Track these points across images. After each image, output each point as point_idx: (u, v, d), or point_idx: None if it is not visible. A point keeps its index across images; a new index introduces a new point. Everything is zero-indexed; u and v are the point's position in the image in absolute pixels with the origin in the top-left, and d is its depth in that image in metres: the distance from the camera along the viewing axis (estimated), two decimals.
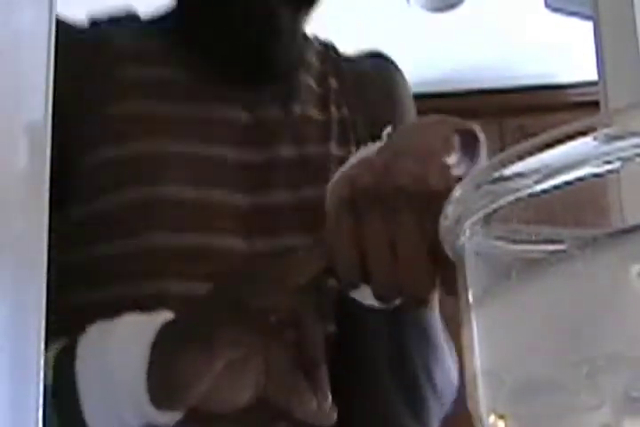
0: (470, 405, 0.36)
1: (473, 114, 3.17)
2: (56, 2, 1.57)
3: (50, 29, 1.55)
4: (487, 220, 0.36)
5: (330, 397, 0.76)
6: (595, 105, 1.42)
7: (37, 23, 1.53)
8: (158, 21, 1.03)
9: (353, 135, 1.02)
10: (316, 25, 1.12)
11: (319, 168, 0.96)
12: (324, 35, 1.09)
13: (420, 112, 3.48)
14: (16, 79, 1.53)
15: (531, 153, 0.34)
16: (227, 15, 0.94)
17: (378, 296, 0.71)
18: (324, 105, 1.02)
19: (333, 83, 1.05)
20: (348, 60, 1.10)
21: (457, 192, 0.37)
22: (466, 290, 0.37)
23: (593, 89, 1.45)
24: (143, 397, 0.74)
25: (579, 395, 0.31)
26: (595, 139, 0.32)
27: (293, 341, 0.76)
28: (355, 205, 0.70)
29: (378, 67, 1.10)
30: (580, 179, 0.33)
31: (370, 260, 0.69)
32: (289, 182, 0.94)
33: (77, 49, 0.96)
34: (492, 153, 0.36)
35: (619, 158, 0.32)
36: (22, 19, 1.52)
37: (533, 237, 0.35)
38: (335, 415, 0.76)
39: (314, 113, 1.01)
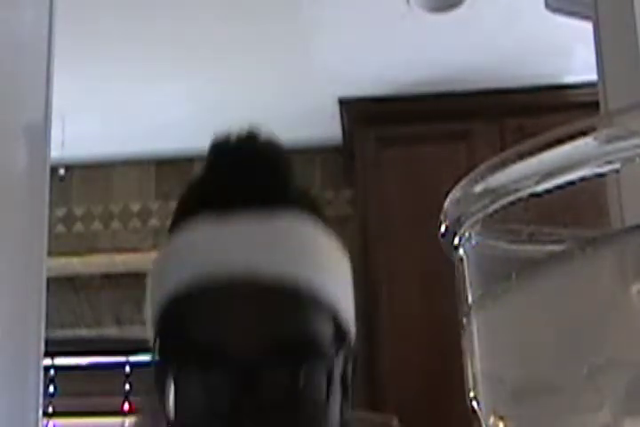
0: (471, 406, 0.36)
1: (473, 114, 3.17)
2: (56, 2, 1.58)
3: (50, 29, 1.55)
4: (487, 220, 0.36)
5: None
6: (595, 105, 1.42)
7: (37, 23, 1.53)
8: None
9: None
10: (316, 25, 1.11)
11: None
12: (324, 35, 1.08)
13: (421, 112, 3.46)
14: (16, 79, 1.53)
15: (531, 153, 0.33)
16: None
17: None
18: None
19: None
20: None
21: (457, 193, 0.36)
22: (466, 291, 0.37)
23: (593, 89, 1.45)
24: None
25: (579, 396, 0.31)
26: (595, 139, 0.32)
27: None
28: None
29: None
30: (580, 179, 0.33)
31: None
32: None
33: None
34: (492, 153, 0.36)
35: (618, 159, 0.32)
36: (22, 19, 1.52)
37: (533, 238, 0.35)
38: None
39: None
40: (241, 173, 0.95)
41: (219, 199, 0.93)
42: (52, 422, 3.61)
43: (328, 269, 0.94)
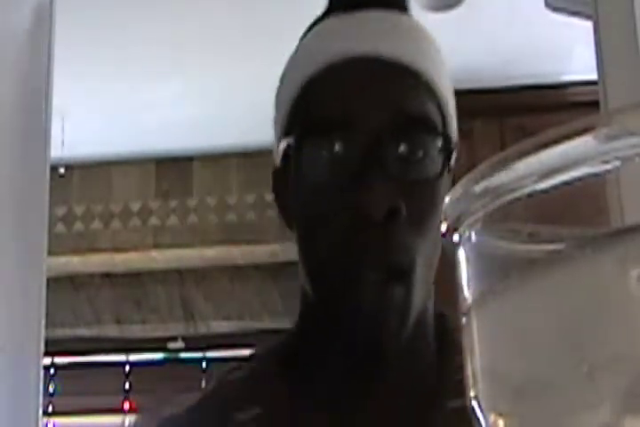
0: (471, 404, 0.36)
1: (473, 113, 3.17)
2: (56, 2, 1.58)
3: (50, 29, 1.56)
4: (487, 220, 0.36)
5: None
6: (595, 105, 1.42)
7: (37, 23, 1.53)
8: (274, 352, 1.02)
9: None
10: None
11: None
12: None
13: None
14: (16, 79, 1.53)
15: (530, 153, 0.33)
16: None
17: None
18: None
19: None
20: None
21: (457, 192, 0.36)
22: (466, 290, 0.37)
23: (593, 89, 1.45)
24: None
25: (579, 394, 0.31)
26: (594, 138, 0.32)
27: None
28: None
29: None
30: (579, 178, 0.33)
31: None
32: None
33: None
34: (492, 152, 0.36)
35: (618, 158, 0.32)
36: (22, 18, 1.53)
37: (533, 237, 0.35)
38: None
39: None
40: None
41: (345, 3, 1.02)
42: (51, 421, 3.61)
43: (443, 72, 1.01)
